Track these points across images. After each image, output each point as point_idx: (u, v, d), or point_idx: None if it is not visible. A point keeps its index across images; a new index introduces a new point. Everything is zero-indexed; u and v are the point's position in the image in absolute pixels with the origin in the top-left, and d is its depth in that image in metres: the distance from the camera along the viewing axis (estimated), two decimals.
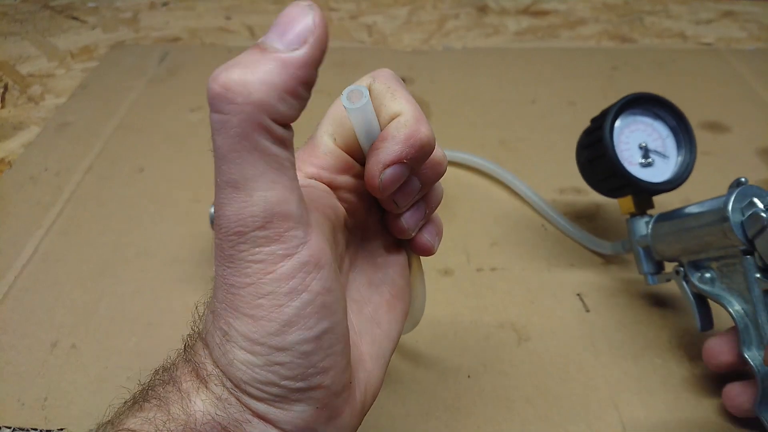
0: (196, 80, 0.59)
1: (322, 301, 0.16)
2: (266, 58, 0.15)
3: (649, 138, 0.36)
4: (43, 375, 0.33)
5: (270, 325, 0.16)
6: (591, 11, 0.73)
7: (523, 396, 0.32)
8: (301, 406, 0.17)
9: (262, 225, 0.15)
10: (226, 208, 0.15)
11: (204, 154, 0.50)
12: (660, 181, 0.35)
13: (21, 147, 0.51)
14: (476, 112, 0.55)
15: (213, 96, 0.14)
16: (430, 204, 0.21)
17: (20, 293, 0.38)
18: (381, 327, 0.21)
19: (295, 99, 0.15)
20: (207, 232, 0.42)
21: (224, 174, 0.15)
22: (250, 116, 0.14)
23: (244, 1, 0.76)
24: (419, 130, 0.18)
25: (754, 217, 0.27)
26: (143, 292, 0.38)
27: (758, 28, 0.69)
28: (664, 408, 0.31)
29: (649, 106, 0.36)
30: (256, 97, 0.14)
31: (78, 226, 0.43)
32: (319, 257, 0.16)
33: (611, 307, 0.37)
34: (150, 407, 0.17)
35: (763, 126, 0.52)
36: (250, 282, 0.16)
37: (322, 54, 0.15)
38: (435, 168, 0.20)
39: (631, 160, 0.35)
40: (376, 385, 0.21)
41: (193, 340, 0.18)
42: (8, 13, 0.73)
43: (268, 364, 0.16)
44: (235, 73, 0.14)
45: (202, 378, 0.17)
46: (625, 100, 0.35)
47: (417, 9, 0.74)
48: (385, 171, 0.18)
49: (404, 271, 0.22)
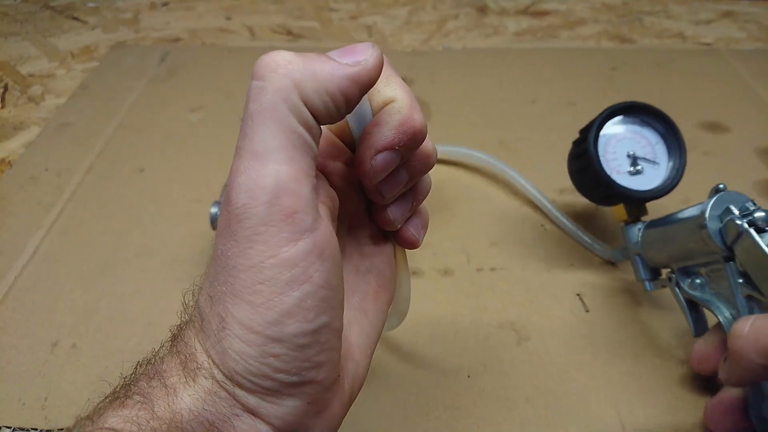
0: (196, 80, 0.59)
1: (323, 294, 0.16)
2: (321, 57, 0.16)
3: (637, 146, 0.36)
4: (43, 375, 0.33)
5: (268, 313, 0.15)
6: (590, 11, 0.73)
7: (522, 396, 0.32)
8: (292, 400, 0.16)
9: (270, 199, 0.15)
10: (240, 176, 0.16)
11: (204, 154, 0.50)
12: (649, 188, 0.35)
13: (21, 147, 0.51)
14: (476, 112, 0.55)
15: (259, 63, 0.16)
16: (417, 196, 0.21)
17: (21, 293, 0.38)
18: (368, 317, 0.21)
19: (330, 100, 0.16)
20: (207, 232, 0.42)
21: (247, 139, 0.16)
22: (285, 90, 0.15)
23: (244, 1, 0.76)
24: (413, 117, 0.18)
25: (730, 225, 0.27)
26: (143, 292, 0.38)
27: (758, 29, 0.69)
28: (663, 408, 0.32)
29: (636, 114, 0.36)
30: (296, 76, 0.15)
31: (78, 226, 0.43)
32: (323, 248, 0.16)
33: (611, 307, 0.37)
34: (133, 404, 0.16)
35: (763, 126, 0.53)
36: (252, 264, 0.15)
37: (370, 82, 0.17)
38: (424, 160, 0.20)
39: (620, 170, 0.35)
40: (362, 375, 0.20)
41: (181, 331, 0.18)
42: (9, 14, 0.73)
43: (262, 355, 0.16)
44: (289, 54, 0.16)
45: (191, 370, 0.16)
46: (609, 110, 0.35)
47: (417, 9, 0.74)
48: (376, 156, 0.18)
49: (390, 261, 0.22)
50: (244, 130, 0.16)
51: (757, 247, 0.26)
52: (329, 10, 0.74)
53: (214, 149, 0.50)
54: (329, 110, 0.16)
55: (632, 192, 0.34)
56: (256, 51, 0.64)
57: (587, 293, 0.38)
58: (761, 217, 0.26)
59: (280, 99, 0.15)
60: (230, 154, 0.16)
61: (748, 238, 0.26)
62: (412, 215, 0.22)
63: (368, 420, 0.31)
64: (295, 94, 0.15)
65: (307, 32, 0.69)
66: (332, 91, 0.16)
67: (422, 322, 0.36)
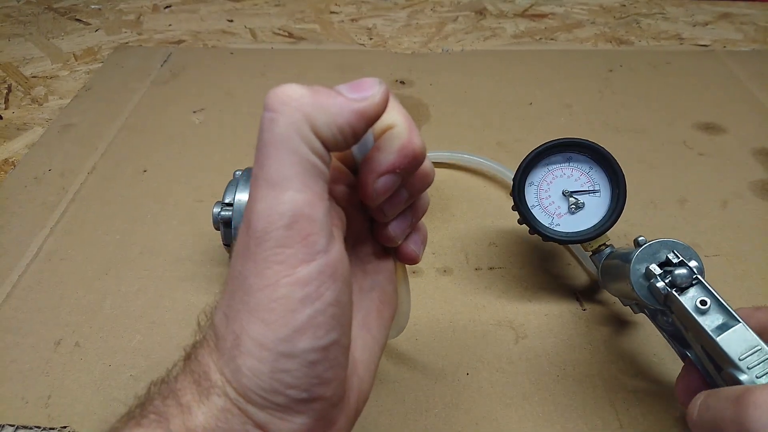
0: (198, 82, 0.60)
1: (333, 312, 0.17)
2: (330, 92, 0.17)
3: (569, 181, 0.34)
4: (46, 373, 0.33)
5: (282, 330, 0.16)
6: (588, 14, 0.74)
7: (520, 393, 0.33)
8: (301, 417, 0.17)
9: (288, 224, 0.16)
10: (258, 204, 0.16)
11: (207, 154, 0.50)
12: (592, 225, 0.34)
13: (25, 148, 0.52)
14: (474, 114, 0.55)
15: (271, 96, 0.16)
16: (416, 213, 0.22)
17: (24, 292, 0.38)
18: (371, 333, 0.22)
19: (339, 133, 0.17)
20: (210, 231, 0.42)
21: (263, 169, 0.16)
22: (296, 121, 0.16)
23: (246, 3, 0.76)
24: (412, 141, 0.19)
25: (653, 290, 0.26)
26: (147, 291, 0.38)
27: (754, 30, 0.70)
28: (661, 406, 0.32)
29: (555, 153, 0.34)
30: (307, 110, 0.16)
31: (82, 226, 0.44)
32: (335, 268, 0.17)
33: (608, 305, 0.38)
34: (148, 423, 0.17)
35: (759, 127, 0.53)
36: (268, 284, 0.16)
37: (376, 116, 0.18)
38: (423, 179, 0.21)
39: (560, 212, 0.34)
40: (367, 391, 0.21)
41: (195, 350, 0.19)
42: (12, 15, 0.74)
43: (274, 371, 0.16)
44: (300, 88, 0.17)
45: (204, 389, 0.17)
46: (524, 163, 0.34)
47: (416, 12, 0.75)
48: (378, 180, 0.19)
49: (392, 278, 0.23)
50: (259, 159, 0.17)
51: (684, 309, 0.25)
52: (330, 13, 0.74)
53: (217, 150, 0.51)
54: (338, 141, 0.17)
55: (574, 235, 0.33)
56: (257, 53, 0.65)
57: (584, 292, 0.38)
58: (681, 274, 0.25)
59: (292, 130, 0.16)
60: (233, 155, 0.17)
61: (675, 301, 0.25)
62: (412, 232, 0.23)
63: (368, 417, 0.31)
64: (306, 126, 0.16)
65: (308, 34, 0.69)
66: (341, 125, 0.17)
67: (421, 320, 0.37)
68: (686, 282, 0.25)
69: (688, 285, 0.25)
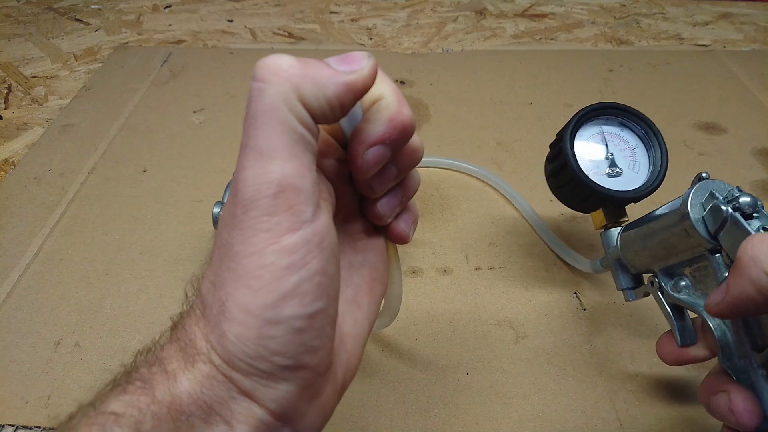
0: (198, 82, 0.60)
1: (319, 280, 0.17)
2: (320, 63, 0.17)
3: (615, 148, 0.34)
4: (46, 373, 0.33)
5: (268, 296, 0.16)
6: (588, 14, 0.74)
7: (520, 393, 0.33)
8: (286, 384, 0.17)
9: (275, 193, 0.16)
10: (246, 172, 0.16)
11: (207, 154, 0.50)
12: (628, 189, 0.33)
13: (25, 148, 0.52)
14: (474, 114, 0.55)
15: (260, 65, 0.16)
16: (406, 192, 0.22)
17: (24, 292, 0.38)
18: (362, 309, 0.22)
19: (327, 105, 0.17)
20: (210, 231, 0.42)
21: (251, 139, 0.16)
22: (284, 92, 0.16)
23: (246, 4, 0.76)
24: (401, 112, 0.19)
25: (714, 211, 0.25)
26: (147, 291, 0.38)
27: (754, 30, 0.70)
28: (661, 406, 0.32)
29: (614, 116, 0.35)
30: (296, 80, 0.16)
31: (82, 225, 0.44)
32: (322, 238, 0.17)
33: (607, 305, 0.38)
34: (134, 390, 0.17)
35: (759, 127, 0.53)
36: (255, 251, 0.16)
37: (364, 89, 0.17)
38: (412, 155, 0.21)
39: (597, 171, 0.34)
40: (355, 366, 0.21)
41: (182, 319, 0.19)
42: (12, 15, 0.74)
43: (259, 337, 0.16)
44: (289, 58, 0.16)
45: (190, 356, 0.17)
46: (585, 110, 0.34)
47: (416, 12, 0.75)
48: (368, 151, 0.19)
49: (383, 256, 0.23)
50: (247, 128, 0.17)
51: (745, 233, 0.23)
52: (330, 13, 0.74)
53: (217, 150, 0.51)
54: (326, 114, 0.17)
55: (610, 192, 0.32)
56: (257, 53, 0.65)
57: (584, 291, 0.38)
58: (747, 202, 0.24)
59: (280, 100, 0.16)
60: (233, 155, 0.17)
61: (734, 225, 0.24)
62: (402, 211, 0.23)
63: (369, 417, 0.31)
64: (294, 96, 0.16)
65: (308, 34, 0.69)
66: (329, 97, 0.17)
67: (421, 320, 0.37)
68: (750, 209, 0.24)
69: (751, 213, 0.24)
